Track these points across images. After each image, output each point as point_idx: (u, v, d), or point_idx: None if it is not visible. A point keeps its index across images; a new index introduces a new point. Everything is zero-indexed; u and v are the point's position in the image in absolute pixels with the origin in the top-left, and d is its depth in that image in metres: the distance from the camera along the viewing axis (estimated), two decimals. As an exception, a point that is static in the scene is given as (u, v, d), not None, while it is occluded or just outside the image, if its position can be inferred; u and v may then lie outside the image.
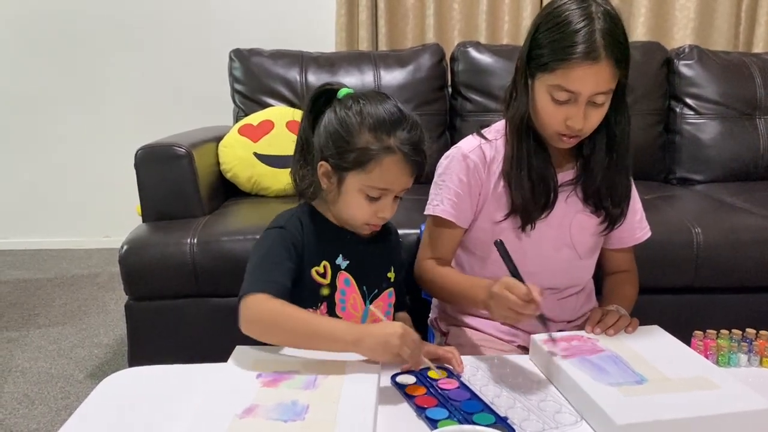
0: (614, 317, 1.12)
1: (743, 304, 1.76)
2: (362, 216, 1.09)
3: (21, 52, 3.23)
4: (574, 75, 1.07)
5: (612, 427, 0.80)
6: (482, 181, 1.23)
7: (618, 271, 1.35)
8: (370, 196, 1.06)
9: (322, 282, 1.10)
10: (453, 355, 1.03)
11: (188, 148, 1.81)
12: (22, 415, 1.77)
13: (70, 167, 3.36)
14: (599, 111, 1.12)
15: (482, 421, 0.84)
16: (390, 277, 1.18)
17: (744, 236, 1.74)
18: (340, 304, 1.12)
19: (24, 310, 2.55)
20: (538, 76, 1.12)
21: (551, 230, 1.22)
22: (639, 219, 1.33)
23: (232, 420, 0.80)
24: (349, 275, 1.12)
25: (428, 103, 2.42)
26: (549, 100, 1.11)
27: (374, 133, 1.03)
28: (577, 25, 1.06)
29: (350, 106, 1.05)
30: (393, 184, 1.05)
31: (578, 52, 1.05)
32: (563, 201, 1.22)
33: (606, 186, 1.21)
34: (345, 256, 1.12)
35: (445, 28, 3.04)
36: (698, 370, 0.95)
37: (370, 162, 1.03)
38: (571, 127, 1.11)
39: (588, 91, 1.08)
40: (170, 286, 1.64)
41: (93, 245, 3.41)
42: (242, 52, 2.45)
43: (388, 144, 1.03)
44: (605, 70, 1.07)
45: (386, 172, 1.03)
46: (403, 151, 1.03)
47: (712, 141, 2.40)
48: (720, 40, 2.96)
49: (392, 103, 1.06)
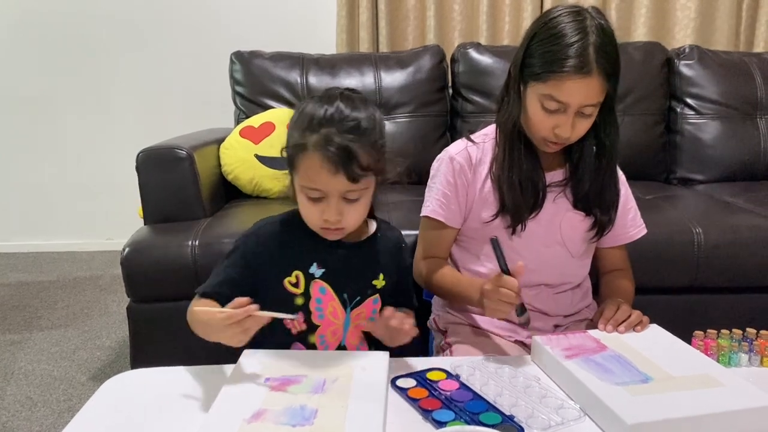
0: (625, 314, 1.13)
1: (744, 304, 1.76)
2: (311, 219, 1.07)
3: (23, 54, 3.23)
4: (564, 87, 1.10)
5: (622, 426, 0.81)
6: (468, 181, 1.27)
7: (613, 269, 1.37)
8: (309, 197, 1.04)
9: (295, 292, 1.10)
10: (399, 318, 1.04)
11: (189, 151, 1.82)
12: (24, 418, 1.77)
13: (71, 170, 3.37)
14: (586, 121, 1.16)
15: (489, 420, 0.85)
16: (376, 284, 1.14)
17: (745, 236, 1.74)
18: (316, 312, 1.11)
19: (26, 313, 2.55)
20: (531, 84, 1.16)
21: (541, 228, 1.25)
22: (632, 217, 1.35)
23: (241, 425, 0.80)
24: (324, 283, 1.10)
25: (429, 104, 2.42)
26: (540, 108, 1.15)
27: (301, 131, 1.02)
28: (571, 39, 1.10)
29: (299, 107, 1.07)
30: (317, 184, 1.02)
31: (570, 66, 1.09)
32: (552, 201, 1.25)
33: (594, 192, 1.25)
34: (320, 264, 1.10)
35: (446, 30, 3.04)
36: (702, 368, 0.95)
37: (297, 160, 1.03)
38: (559, 135, 1.15)
39: (577, 102, 1.12)
40: (172, 288, 1.64)
41: (95, 248, 3.41)
42: (243, 54, 2.45)
43: (307, 142, 1.01)
44: (595, 84, 1.11)
45: (308, 171, 1.01)
46: (321, 149, 0.99)
47: (713, 141, 2.40)
48: (721, 39, 2.96)
49: (340, 105, 1.02)
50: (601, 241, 1.33)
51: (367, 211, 1.12)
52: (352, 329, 1.13)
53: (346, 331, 1.13)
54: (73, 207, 3.40)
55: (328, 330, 1.12)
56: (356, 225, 1.09)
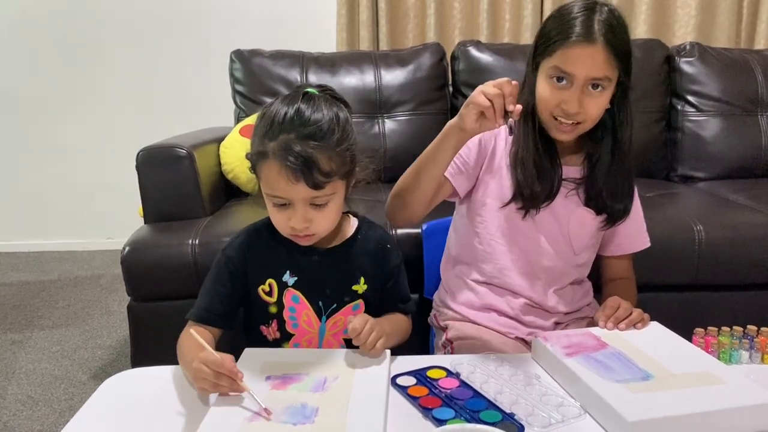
0: (626, 311, 1.13)
1: (745, 301, 1.76)
2: (280, 225, 1.05)
3: (22, 54, 3.23)
4: (570, 55, 1.12)
5: (623, 424, 0.80)
6: (487, 153, 1.27)
7: (617, 278, 1.37)
8: (275, 203, 1.02)
9: (269, 300, 1.09)
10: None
11: (189, 149, 1.82)
12: (25, 417, 1.77)
13: (72, 169, 3.37)
14: (595, 101, 1.15)
15: (489, 418, 0.84)
16: (357, 289, 1.11)
17: (746, 233, 1.74)
18: (290, 321, 1.10)
19: (27, 312, 2.56)
20: (542, 62, 1.18)
21: (550, 221, 1.25)
22: (638, 228, 1.36)
23: (242, 423, 0.80)
24: (297, 292, 1.09)
25: (429, 102, 2.42)
26: (547, 83, 1.17)
27: (260, 138, 1.00)
28: (578, 13, 1.13)
29: (263, 108, 1.04)
30: (279, 192, 0.99)
31: (575, 34, 1.12)
32: (564, 196, 1.24)
33: (608, 188, 1.24)
34: (293, 272, 1.09)
35: (446, 28, 3.04)
36: (702, 366, 0.95)
37: (258, 168, 1.02)
38: (566, 111, 1.15)
39: (583, 73, 1.12)
40: (172, 287, 1.64)
41: (96, 247, 3.42)
42: (243, 52, 2.45)
43: (267, 149, 0.98)
44: (600, 54, 1.12)
45: (269, 179, 0.99)
46: (279, 158, 0.96)
47: (714, 138, 2.39)
48: (721, 37, 2.95)
49: (301, 107, 0.99)
50: (606, 250, 1.35)
51: (340, 214, 1.09)
52: (328, 338, 1.11)
53: (322, 339, 1.11)
54: (74, 206, 3.40)
55: (303, 339, 1.11)
56: (327, 230, 1.07)
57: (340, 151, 1.00)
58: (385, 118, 2.40)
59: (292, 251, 1.09)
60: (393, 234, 1.63)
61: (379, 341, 0.99)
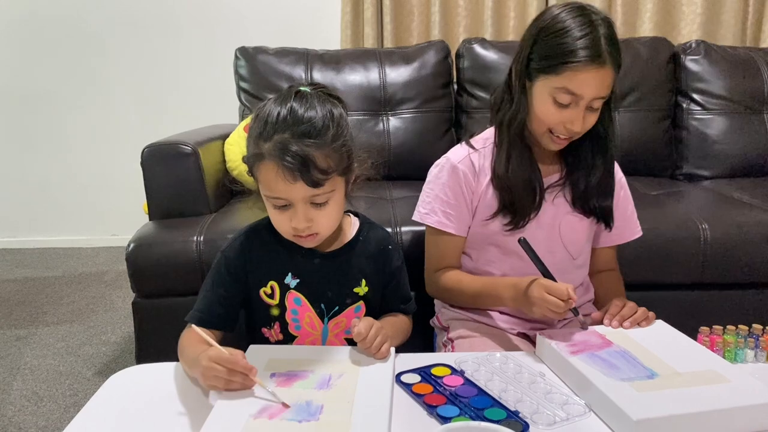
0: (632, 310, 1.13)
1: (750, 300, 1.75)
2: (281, 227, 1.04)
3: (28, 51, 3.24)
4: (579, 78, 1.11)
5: (628, 422, 0.80)
6: (473, 189, 1.26)
7: (604, 269, 1.38)
8: (275, 206, 1.02)
9: (271, 303, 1.09)
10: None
11: (194, 146, 1.82)
12: (30, 413, 1.78)
13: (76, 166, 3.38)
14: (594, 115, 1.17)
15: (494, 416, 0.85)
16: (358, 291, 1.12)
17: (751, 232, 1.73)
18: (293, 323, 1.10)
19: (32, 309, 2.57)
20: (541, 79, 1.15)
21: (543, 233, 1.25)
22: (629, 219, 1.36)
23: (247, 420, 0.80)
24: (299, 294, 1.09)
25: (433, 100, 2.42)
26: (551, 102, 1.15)
27: (255, 139, 1.00)
28: (582, 31, 1.11)
29: (257, 109, 1.03)
30: (278, 193, 0.99)
31: (585, 56, 1.09)
32: (551, 202, 1.25)
33: (592, 186, 1.25)
34: (295, 275, 1.09)
35: (451, 25, 3.03)
36: (707, 364, 0.95)
37: (255, 170, 1.01)
38: (570, 130, 1.16)
39: (590, 94, 1.12)
40: (177, 283, 1.64)
41: (100, 243, 3.43)
42: (247, 50, 2.45)
43: (263, 150, 0.98)
44: (608, 75, 1.12)
45: (268, 181, 0.99)
46: (276, 158, 0.96)
47: (719, 136, 2.38)
48: (727, 35, 2.94)
49: (294, 105, 0.98)
50: (596, 242, 1.35)
51: (341, 212, 1.08)
52: (331, 338, 1.11)
53: (325, 341, 1.11)
54: (78, 203, 3.41)
55: (306, 341, 1.11)
56: (331, 229, 1.06)
57: (336, 147, 1.00)
58: (389, 116, 2.39)
59: (293, 253, 1.09)
60: (394, 232, 1.63)
61: (384, 345, 0.99)
